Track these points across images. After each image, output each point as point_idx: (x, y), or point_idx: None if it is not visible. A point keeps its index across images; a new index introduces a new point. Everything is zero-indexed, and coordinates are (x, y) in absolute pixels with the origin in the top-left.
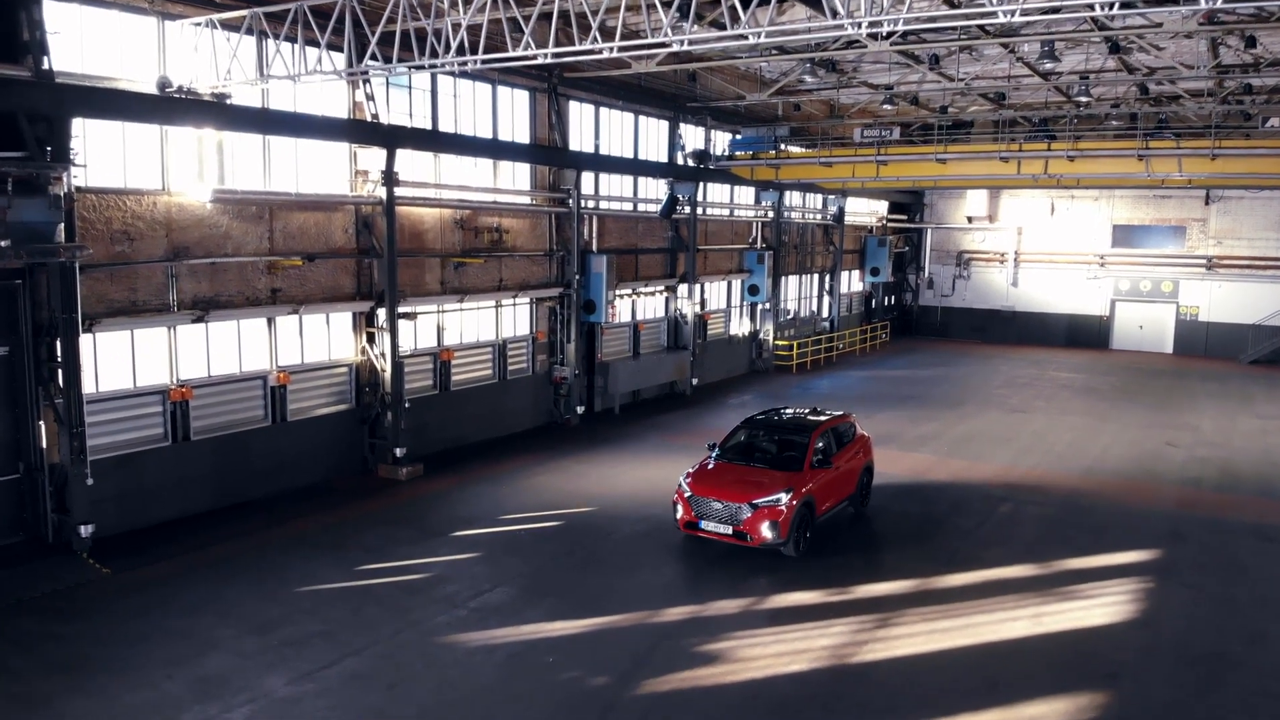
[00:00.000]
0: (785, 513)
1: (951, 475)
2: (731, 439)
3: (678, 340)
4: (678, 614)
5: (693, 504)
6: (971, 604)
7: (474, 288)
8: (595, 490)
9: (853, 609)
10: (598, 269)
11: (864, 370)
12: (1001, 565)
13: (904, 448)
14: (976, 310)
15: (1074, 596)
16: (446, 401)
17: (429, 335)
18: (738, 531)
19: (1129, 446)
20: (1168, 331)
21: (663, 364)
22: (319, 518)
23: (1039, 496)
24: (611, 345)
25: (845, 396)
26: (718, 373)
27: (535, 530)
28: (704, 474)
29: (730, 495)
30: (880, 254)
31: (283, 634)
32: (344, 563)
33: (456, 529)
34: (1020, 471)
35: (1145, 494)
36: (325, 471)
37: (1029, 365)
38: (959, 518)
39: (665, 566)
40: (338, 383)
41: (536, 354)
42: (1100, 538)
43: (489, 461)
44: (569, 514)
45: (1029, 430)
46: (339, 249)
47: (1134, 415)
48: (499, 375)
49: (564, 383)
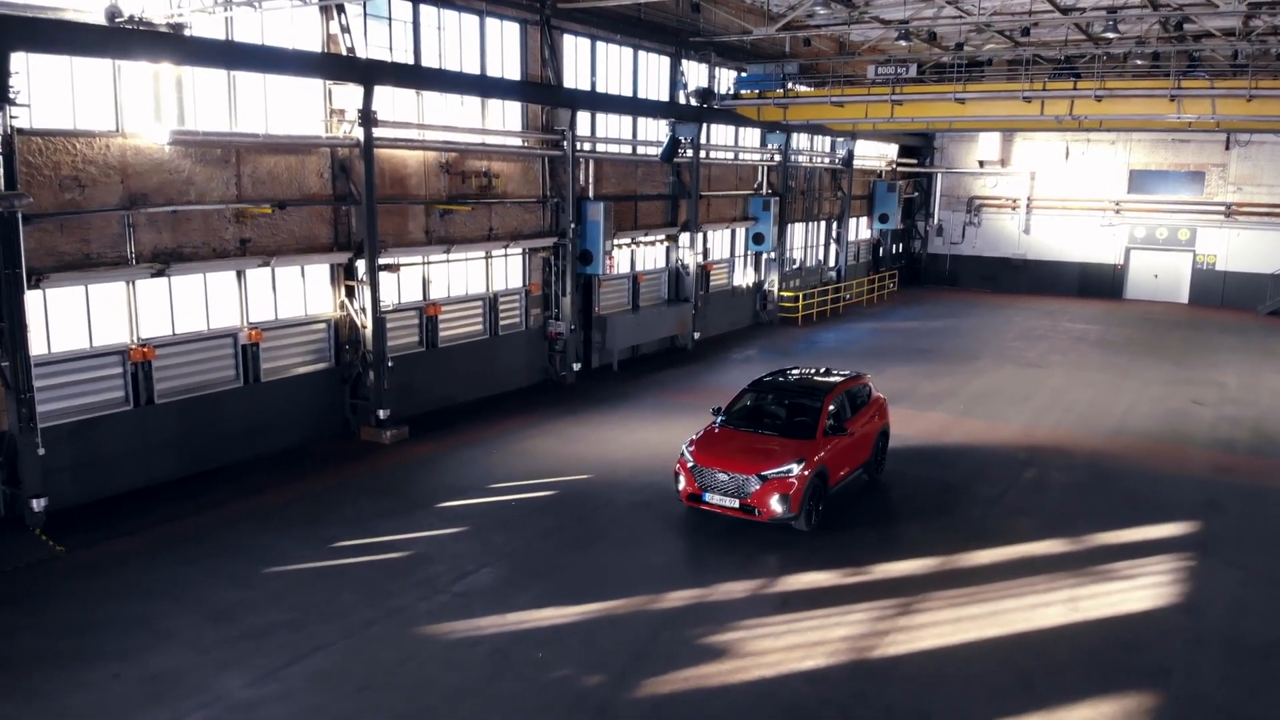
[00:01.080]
0: (796, 485)
1: (970, 437)
2: (738, 403)
3: (679, 292)
4: (680, 599)
5: (696, 475)
6: (1000, 586)
7: (462, 237)
8: (592, 455)
9: (871, 592)
10: (594, 217)
11: (872, 322)
12: (1029, 540)
13: (918, 406)
14: (986, 259)
15: (1110, 577)
16: (433, 359)
17: (414, 288)
18: (745, 505)
19: (1153, 404)
20: (1183, 281)
21: (663, 318)
22: (295, 487)
23: (1063, 460)
24: (609, 298)
25: (853, 351)
26: (720, 326)
27: (527, 501)
28: (708, 442)
29: (737, 466)
30: (889, 200)
31: (246, 623)
32: (318, 539)
33: (442, 499)
34: (1042, 432)
35: (1176, 458)
36: (303, 435)
37: (1042, 316)
38: (981, 485)
39: (666, 543)
40: (315, 340)
41: (530, 308)
42: (1132, 508)
43: (479, 423)
44: (563, 482)
45: (1047, 387)
46: (313, 195)
47: (1155, 370)
48: (490, 331)
49: (559, 338)
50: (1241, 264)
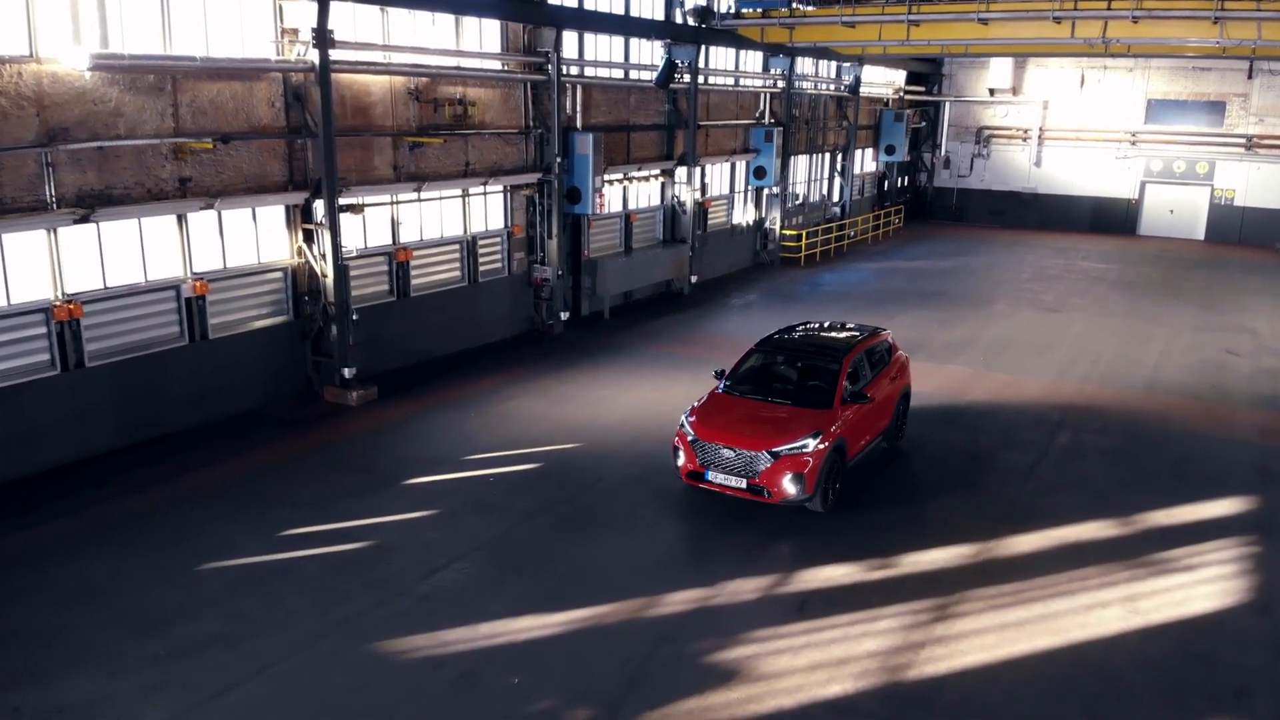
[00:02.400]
0: (812, 463)
1: (993, 393)
2: (744, 365)
3: (675, 233)
4: (681, 602)
5: (698, 450)
6: (1047, 582)
7: (435, 173)
8: (581, 418)
9: (900, 591)
10: (583, 150)
11: (878, 262)
12: (1072, 521)
13: (935, 358)
14: (995, 192)
15: (1168, 568)
16: (405, 310)
17: (382, 231)
18: (753, 486)
19: (1185, 354)
20: (1200, 216)
21: (658, 260)
22: (247, 458)
23: (1097, 422)
24: (600, 240)
25: (860, 295)
26: (719, 268)
27: (507, 476)
28: (711, 411)
29: (744, 440)
30: (896, 130)
31: (174, 637)
32: (267, 525)
33: (411, 474)
34: (1070, 388)
35: (1218, 419)
36: (260, 397)
37: (1055, 254)
38: (1010, 451)
39: (664, 528)
40: (271, 291)
41: (513, 251)
42: (1179, 480)
43: (456, 381)
44: (548, 452)
45: (1070, 335)
46: (264, 127)
47: (1182, 315)
48: (468, 277)
49: (545, 284)
50: (1261, 199)
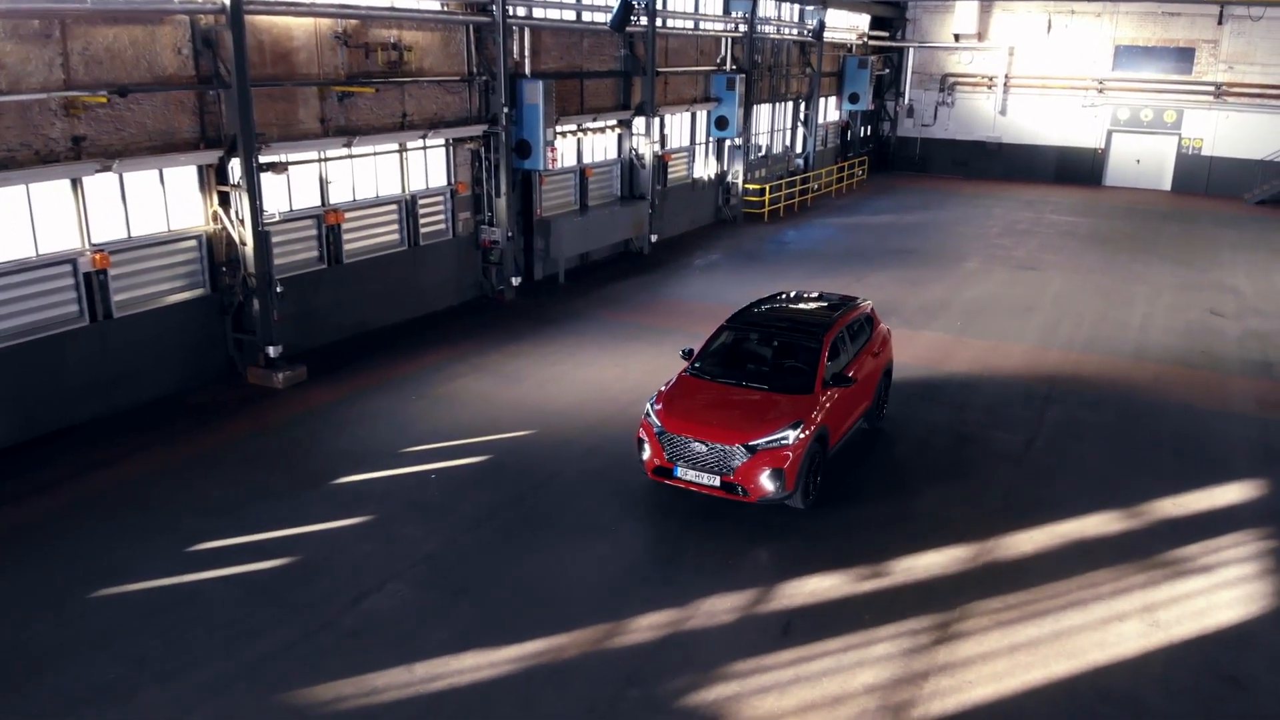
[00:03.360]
0: (792, 457)
1: (975, 362)
2: (714, 343)
3: (633, 188)
4: (651, 628)
5: (665, 443)
6: (1056, 590)
7: (367, 126)
8: (534, 400)
9: (896, 606)
10: (533, 99)
11: (844, 217)
12: (1075, 513)
13: (910, 323)
14: (960, 142)
15: (1184, 569)
16: (338, 278)
17: (309, 192)
18: (727, 483)
19: (1169, 316)
20: (1167, 167)
21: (616, 219)
22: (156, 455)
23: (1089, 394)
24: (553, 197)
25: (828, 254)
26: (680, 225)
27: (450, 472)
28: (679, 397)
29: (717, 433)
30: (860, 78)
31: (48, 689)
32: (175, 539)
33: (343, 471)
34: (1055, 356)
35: (1213, 389)
36: (176, 381)
37: (1023, 207)
38: (1000, 430)
39: (628, 533)
40: (184, 262)
41: (457, 211)
42: (1182, 461)
43: (396, 357)
44: (498, 442)
45: (1048, 295)
46: (169, 78)
47: (1160, 273)
48: (409, 241)
49: (494, 247)
50: (1229, 148)
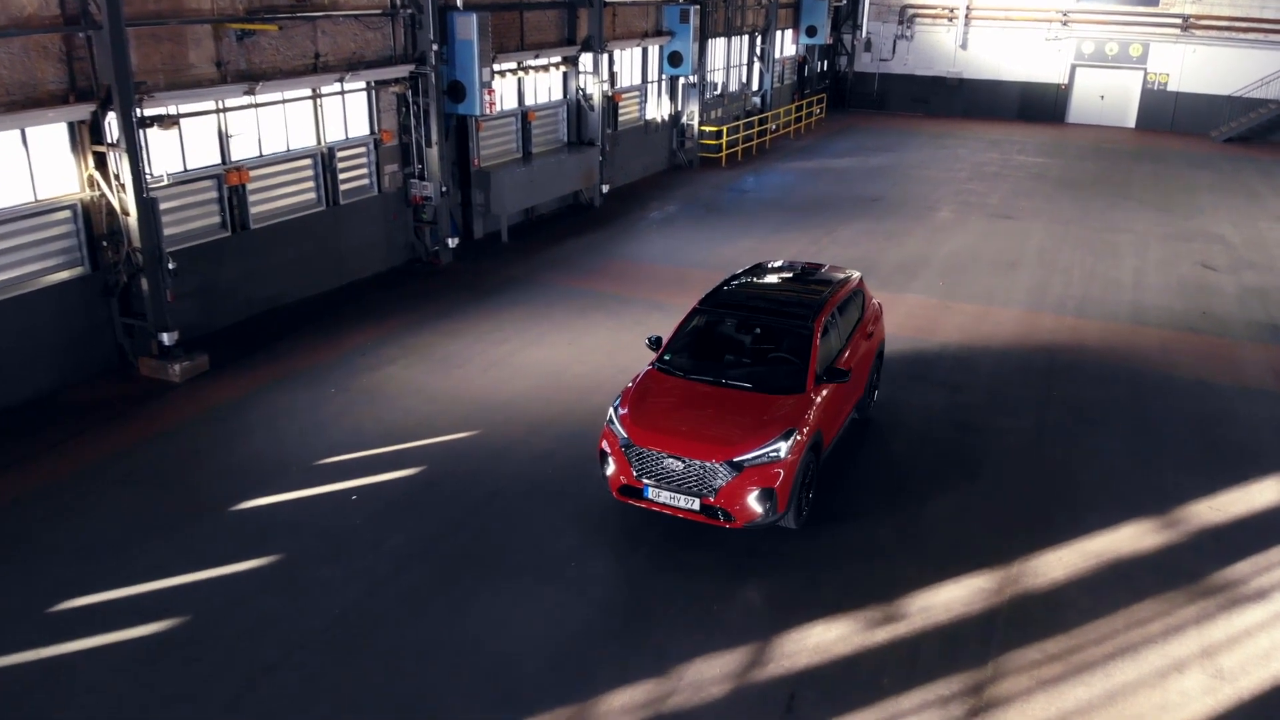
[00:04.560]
0: (785, 473)
1: (964, 332)
2: (685, 330)
3: (581, 133)
4: (624, 710)
5: (633, 458)
6: (1099, 631)
7: (273, 69)
8: (475, 390)
9: (918, 663)
10: (465, 34)
11: (805, 160)
12: (1103, 524)
13: (890, 285)
14: (919, 78)
15: (1237, 595)
16: (244, 247)
17: (207, 149)
18: (709, 507)
19: (1161, 271)
20: (1132, 103)
21: (563, 168)
22: (18, 476)
23: (1093, 367)
24: (492, 145)
25: (793, 203)
26: (632, 172)
27: (375, 491)
28: (647, 399)
29: (695, 446)
30: (818, 9)
31: None
32: (34, 595)
33: (246, 493)
34: (1049, 322)
35: (1223, 359)
36: (55, 376)
37: (988, 147)
38: (1003, 416)
39: (591, 573)
40: (57, 236)
41: (383, 164)
42: (1209, 451)
43: (314, 339)
44: (432, 448)
45: (1030, 247)
46: (27, 19)
47: (1141, 220)
48: (327, 199)
49: (426, 204)
50: (1196, 84)
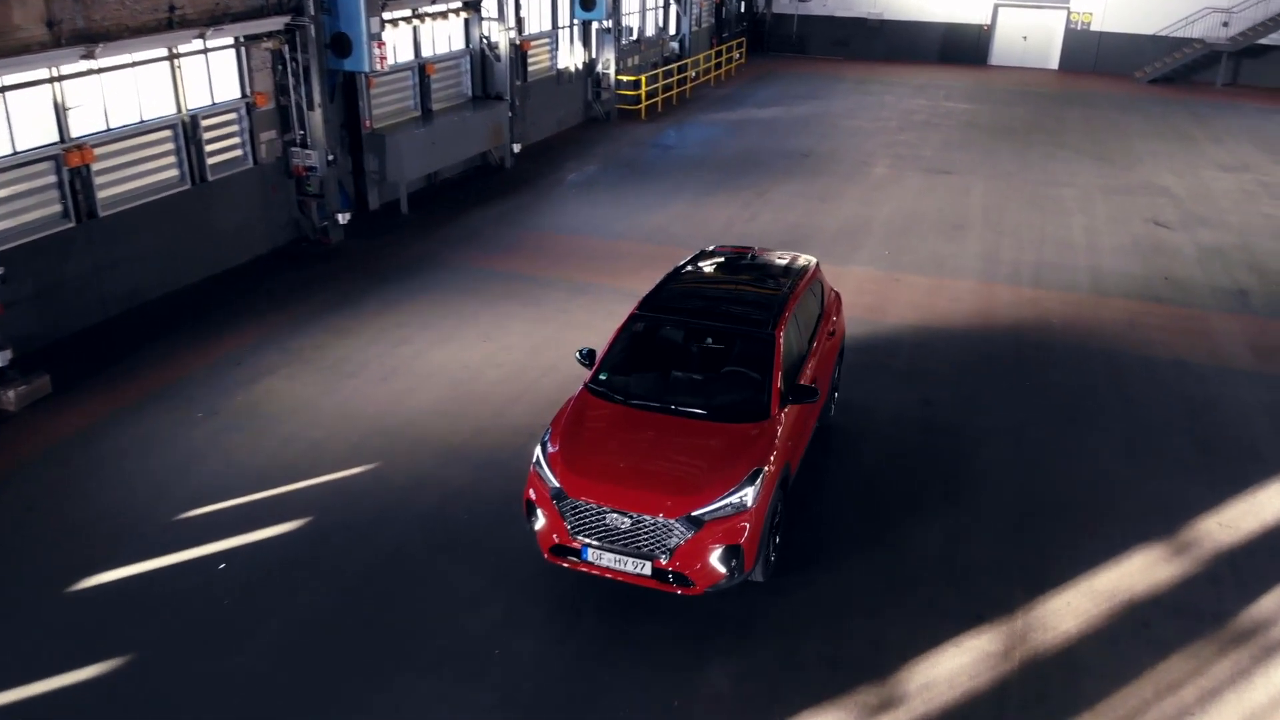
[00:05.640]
0: (752, 525)
1: (919, 310)
2: (623, 342)
3: (487, 87)
4: None
5: (566, 512)
6: (1127, 704)
7: (119, 28)
8: (373, 406)
9: None
10: None
11: (728, 111)
12: (1109, 552)
13: (832, 256)
14: (839, 19)
15: (1269, 643)
16: (94, 238)
17: (41, 124)
18: (663, 571)
19: (1112, 230)
20: (1054, 43)
21: (469, 126)
22: None
23: (1063, 349)
24: (386, 104)
25: (720, 160)
26: (546, 127)
27: (248, 555)
28: (582, 434)
29: (643, 497)
30: None
31: None
32: None
33: (87, 566)
34: (1007, 294)
35: (1197, 334)
36: None
37: (914, 93)
38: (977, 413)
39: (521, 662)
40: None
41: (258, 132)
42: (1202, 445)
43: (180, 344)
44: (320, 489)
45: (974, 206)
46: None
47: (1081, 172)
48: (191, 176)
49: (311, 174)
50: (1119, 23)
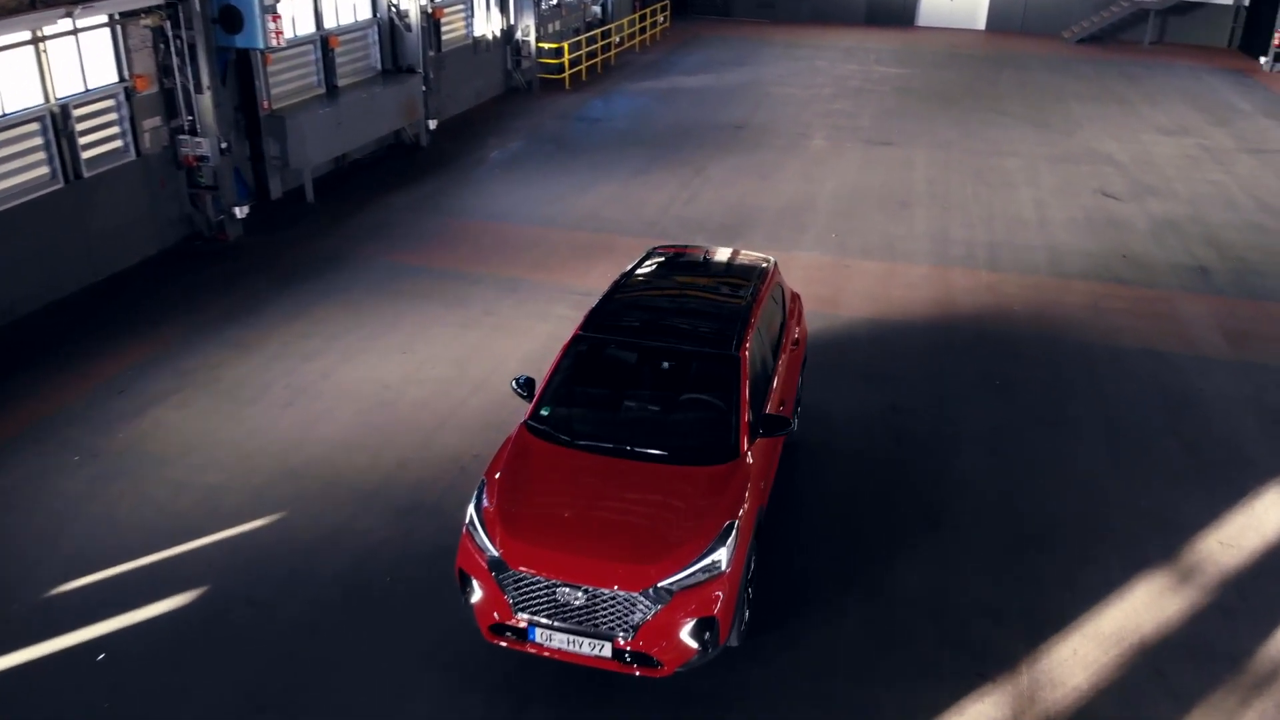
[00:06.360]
0: (727, 591)
1: (874, 300)
2: (565, 370)
3: (399, 59)
4: None
5: (509, 586)
6: None
7: None
8: (277, 440)
9: None
10: None
11: (656, 79)
12: (1110, 585)
13: (779, 241)
14: None
15: None
16: None
17: None
18: (623, 651)
19: (1062, 203)
20: (981, 3)
21: (379, 103)
22: None
23: (1029, 340)
24: (286, 82)
25: (653, 135)
26: (464, 99)
27: (131, 639)
28: (522, 487)
29: (599, 566)
30: None
31: None
32: None
33: None
34: (963, 279)
35: (1165, 318)
36: None
37: (844, 57)
38: (947, 419)
39: None
40: None
41: (140, 119)
42: (1189, 447)
43: (52, 371)
44: (217, 549)
45: (918, 181)
46: None
47: (1022, 140)
48: (64, 173)
49: (203, 164)
50: None
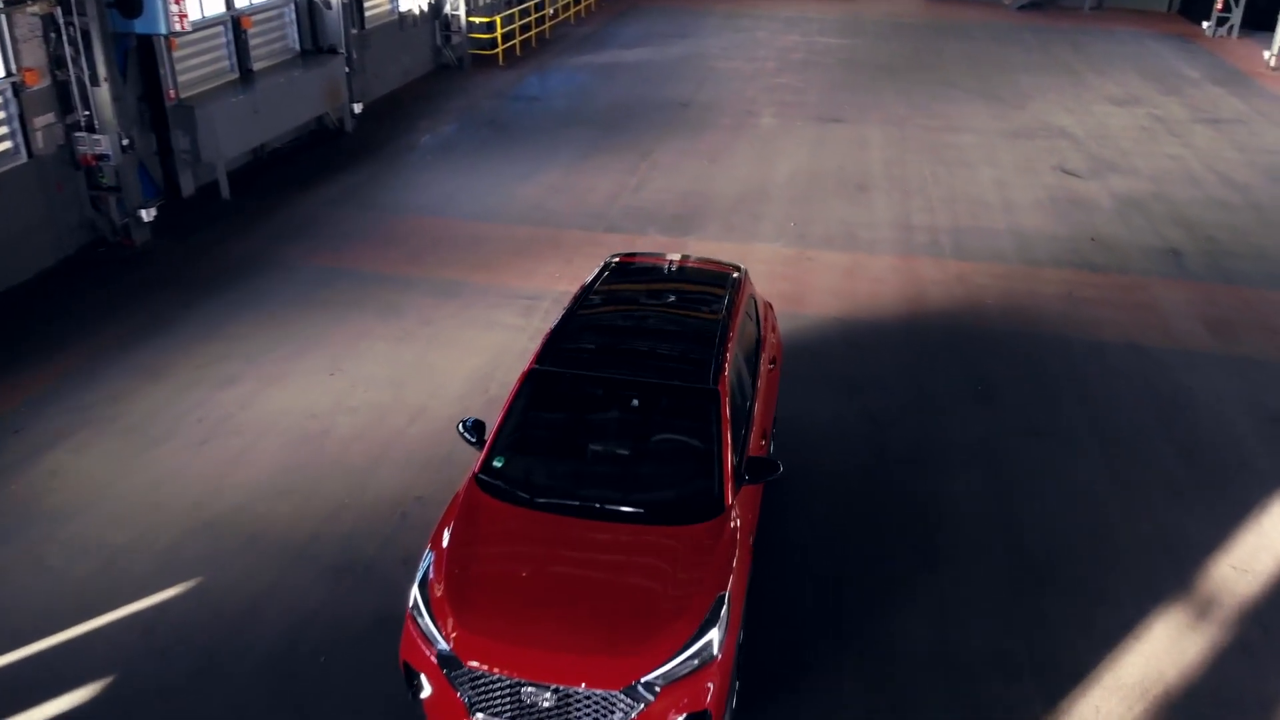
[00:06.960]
0: (720, 677)
1: (841, 296)
2: (518, 414)
3: (319, 38)
4: None
5: (462, 684)
6: None
7: None
8: (189, 489)
9: None
10: None
11: (593, 54)
12: (1124, 621)
13: (735, 232)
14: None
15: None
16: None
17: None
18: None
19: (1023, 183)
20: None
21: (298, 87)
22: None
23: (1005, 337)
24: (194, 69)
25: (594, 114)
26: (391, 79)
27: None
28: (475, 561)
29: (567, 661)
30: None
31: None
32: None
33: None
34: (930, 270)
35: (1144, 309)
36: None
37: (785, 27)
38: (931, 432)
39: None
40: None
41: (30, 117)
42: (1188, 457)
43: None
44: (122, 629)
45: (874, 162)
46: None
47: (975, 114)
48: None
49: (104, 163)
50: None
